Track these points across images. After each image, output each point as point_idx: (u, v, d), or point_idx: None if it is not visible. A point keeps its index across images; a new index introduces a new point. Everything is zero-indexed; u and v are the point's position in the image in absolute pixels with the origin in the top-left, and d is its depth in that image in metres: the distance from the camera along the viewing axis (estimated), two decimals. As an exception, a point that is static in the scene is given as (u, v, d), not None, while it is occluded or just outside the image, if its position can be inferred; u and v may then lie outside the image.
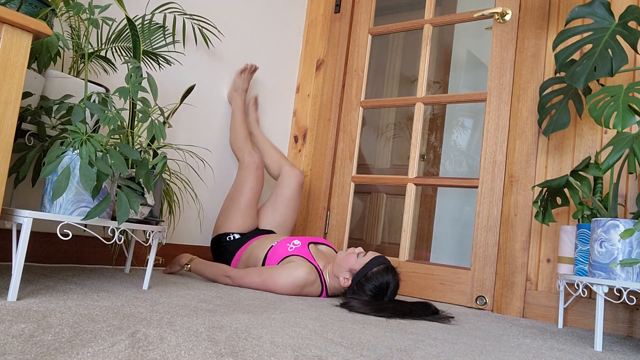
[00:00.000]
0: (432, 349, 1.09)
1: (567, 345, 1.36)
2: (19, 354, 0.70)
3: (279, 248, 1.83)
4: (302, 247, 1.82)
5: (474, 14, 2.23)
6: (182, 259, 1.89)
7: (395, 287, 1.64)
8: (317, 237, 2.27)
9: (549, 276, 1.88)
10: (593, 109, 1.43)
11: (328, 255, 1.90)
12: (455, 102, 2.54)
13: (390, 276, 1.63)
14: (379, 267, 1.64)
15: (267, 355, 0.85)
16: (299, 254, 1.78)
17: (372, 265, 1.64)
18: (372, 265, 1.64)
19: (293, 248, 1.81)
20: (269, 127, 2.62)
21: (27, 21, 1.06)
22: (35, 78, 1.36)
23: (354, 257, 1.68)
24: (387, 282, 1.62)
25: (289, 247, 1.82)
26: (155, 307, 1.16)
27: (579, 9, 1.62)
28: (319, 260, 1.80)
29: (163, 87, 2.03)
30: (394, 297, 1.65)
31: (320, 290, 1.75)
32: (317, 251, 1.87)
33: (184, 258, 1.89)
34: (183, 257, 1.90)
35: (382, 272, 1.63)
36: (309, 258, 1.77)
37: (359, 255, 1.69)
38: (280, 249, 1.83)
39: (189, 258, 1.89)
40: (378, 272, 1.63)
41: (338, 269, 1.71)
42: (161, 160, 1.36)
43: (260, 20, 2.54)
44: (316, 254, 1.83)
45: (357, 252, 1.70)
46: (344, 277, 1.69)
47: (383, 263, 1.65)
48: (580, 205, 1.64)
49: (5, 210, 1.17)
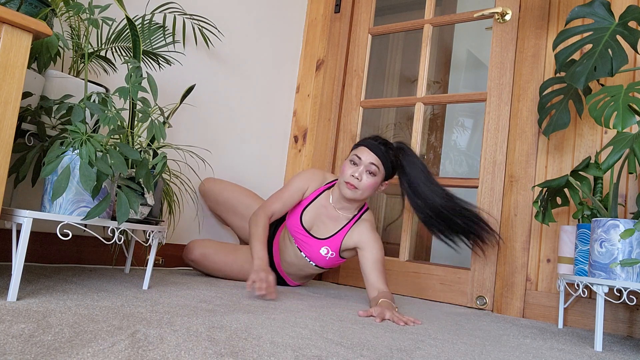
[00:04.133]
0: (432, 349, 1.09)
1: (567, 345, 1.36)
2: (19, 354, 0.70)
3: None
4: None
5: (474, 14, 2.23)
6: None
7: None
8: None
9: (549, 276, 1.88)
10: (593, 109, 1.43)
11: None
12: (455, 102, 2.54)
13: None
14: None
15: (267, 355, 0.85)
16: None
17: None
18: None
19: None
20: (269, 127, 2.62)
21: (27, 21, 1.06)
22: (35, 78, 1.36)
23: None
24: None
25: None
26: (155, 307, 1.16)
27: (579, 9, 1.62)
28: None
29: (163, 87, 2.03)
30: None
31: (317, 190, 1.88)
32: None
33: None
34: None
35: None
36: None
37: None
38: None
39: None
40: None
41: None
42: (161, 160, 1.36)
43: (260, 20, 2.54)
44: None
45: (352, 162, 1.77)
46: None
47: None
48: (580, 205, 1.64)
49: (5, 210, 1.17)
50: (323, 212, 1.86)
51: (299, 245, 1.88)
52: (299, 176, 1.90)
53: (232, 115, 2.41)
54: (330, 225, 1.85)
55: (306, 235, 1.86)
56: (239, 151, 2.45)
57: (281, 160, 2.70)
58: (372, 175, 1.73)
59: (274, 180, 2.66)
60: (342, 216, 1.84)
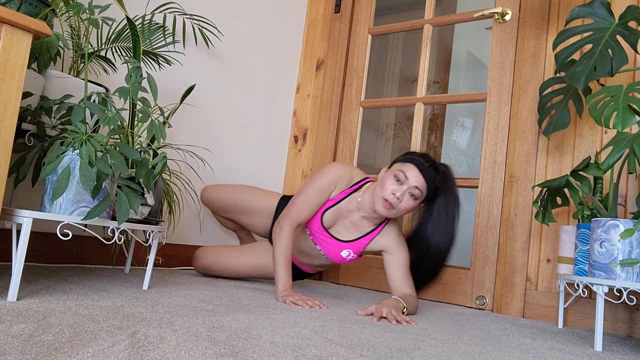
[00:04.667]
0: (432, 349, 1.09)
1: (567, 345, 1.36)
2: (19, 354, 0.70)
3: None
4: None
5: (474, 14, 2.23)
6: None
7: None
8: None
9: (549, 276, 1.88)
10: (593, 109, 1.43)
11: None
12: (455, 102, 2.54)
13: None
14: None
15: (267, 355, 0.85)
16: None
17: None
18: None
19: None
20: (269, 127, 2.62)
21: (27, 21, 1.06)
22: (35, 78, 1.36)
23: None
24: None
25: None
26: (155, 307, 1.16)
27: (579, 9, 1.61)
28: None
29: (163, 87, 2.03)
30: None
31: (342, 192, 1.73)
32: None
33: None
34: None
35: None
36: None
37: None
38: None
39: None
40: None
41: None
42: (161, 160, 1.36)
43: (261, 20, 2.54)
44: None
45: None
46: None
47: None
48: (580, 205, 1.64)
49: (5, 210, 1.17)
50: (346, 217, 1.74)
51: (315, 240, 1.77)
52: (326, 175, 1.71)
53: (232, 115, 2.41)
54: (353, 229, 1.75)
55: (327, 236, 1.75)
56: (239, 151, 2.45)
57: (281, 160, 2.71)
58: (414, 199, 1.60)
59: (274, 180, 2.66)
60: (367, 223, 1.74)
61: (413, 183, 1.59)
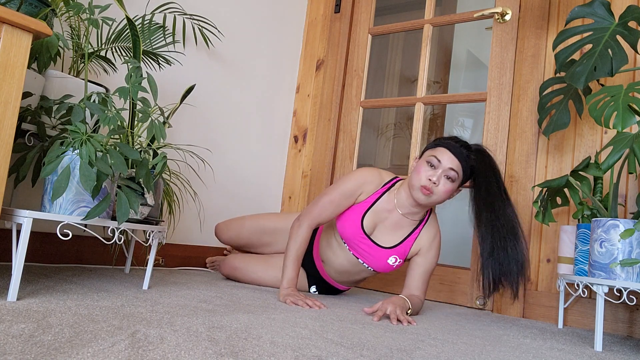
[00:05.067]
0: (432, 349, 1.09)
1: (567, 345, 1.36)
2: (19, 354, 0.70)
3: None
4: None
5: (474, 14, 2.23)
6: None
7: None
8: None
9: (549, 276, 1.88)
10: (593, 109, 1.43)
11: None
12: (455, 102, 2.54)
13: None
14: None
15: (267, 355, 0.85)
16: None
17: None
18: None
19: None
20: (269, 127, 2.62)
21: (27, 21, 1.06)
22: (35, 78, 1.36)
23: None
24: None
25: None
26: (155, 307, 1.16)
27: (579, 9, 1.61)
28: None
29: (163, 87, 2.03)
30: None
31: (376, 192, 1.69)
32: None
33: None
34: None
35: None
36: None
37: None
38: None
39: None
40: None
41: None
42: (161, 160, 1.36)
43: (260, 20, 2.54)
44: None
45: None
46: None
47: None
48: (580, 205, 1.64)
49: (5, 210, 1.17)
50: (386, 217, 1.69)
51: (355, 252, 1.71)
52: (350, 179, 1.68)
53: (232, 115, 2.41)
54: (395, 230, 1.69)
55: (370, 245, 1.68)
56: (239, 151, 2.45)
57: (281, 160, 2.71)
58: (451, 181, 1.56)
59: (274, 180, 2.66)
60: (408, 221, 1.69)
61: (447, 165, 1.56)
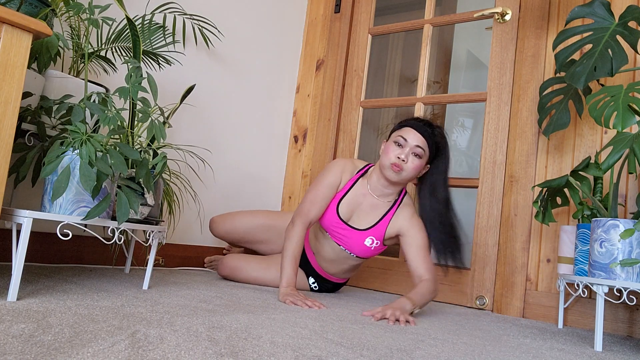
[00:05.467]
0: (432, 349, 1.09)
1: (567, 345, 1.36)
2: (19, 354, 0.70)
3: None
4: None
5: (474, 14, 2.23)
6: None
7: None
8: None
9: (549, 276, 1.88)
10: (593, 109, 1.43)
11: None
12: (455, 102, 2.54)
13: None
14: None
15: (267, 355, 0.85)
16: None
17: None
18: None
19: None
20: (269, 127, 2.62)
21: (27, 21, 1.06)
22: (35, 78, 1.36)
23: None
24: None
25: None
26: (155, 307, 1.16)
27: (579, 9, 1.62)
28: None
29: (163, 87, 2.03)
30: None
31: (350, 180, 1.79)
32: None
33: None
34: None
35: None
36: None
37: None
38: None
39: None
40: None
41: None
42: (161, 160, 1.36)
43: (260, 20, 2.54)
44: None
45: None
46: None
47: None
48: (580, 205, 1.64)
49: (5, 210, 1.17)
50: (361, 202, 1.77)
51: (336, 239, 1.78)
52: (329, 171, 1.78)
53: (232, 115, 2.41)
54: (371, 213, 1.77)
55: (346, 229, 1.76)
56: (239, 151, 2.45)
57: (281, 160, 2.71)
58: (418, 158, 1.66)
59: (274, 180, 2.66)
60: (382, 203, 1.76)
61: (413, 142, 1.65)
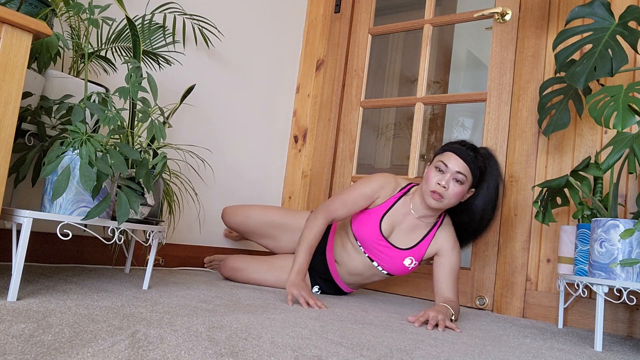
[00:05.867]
0: (432, 349, 1.09)
1: (567, 345, 1.36)
2: (19, 354, 0.70)
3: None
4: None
5: (474, 14, 2.23)
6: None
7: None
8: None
9: (549, 276, 1.88)
10: (593, 109, 1.43)
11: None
12: (455, 102, 2.54)
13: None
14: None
15: (267, 355, 0.85)
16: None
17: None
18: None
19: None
20: (269, 127, 2.62)
21: (27, 21, 1.06)
22: (35, 78, 1.36)
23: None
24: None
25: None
26: (155, 307, 1.16)
27: (579, 9, 1.62)
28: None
29: (163, 87, 2.03)
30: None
31: (392, 197, 1.76)
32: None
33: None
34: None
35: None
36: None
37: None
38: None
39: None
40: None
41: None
42: (161, 160, 1.36)
43: (260, 21, 2.54)
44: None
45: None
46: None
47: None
48: (580, 205, 1.64)
49: (5, 210, 1.17)
50: (402, 220, 1.74)
51: (371, 254, 1.76)
52: (368, 183, 1.75)
53: (232, 115, 2.41)
54: (410, 233, 1.75)
55: (387, 246, 1.74)
56: (239, 151, 2.45)
57: (281, 160, 2.71)
58: (460, 184, 1.61)
59: (274, 180, 2.66)
60: (423, 223, 1.74)
61: (454, 169, 1.61)
